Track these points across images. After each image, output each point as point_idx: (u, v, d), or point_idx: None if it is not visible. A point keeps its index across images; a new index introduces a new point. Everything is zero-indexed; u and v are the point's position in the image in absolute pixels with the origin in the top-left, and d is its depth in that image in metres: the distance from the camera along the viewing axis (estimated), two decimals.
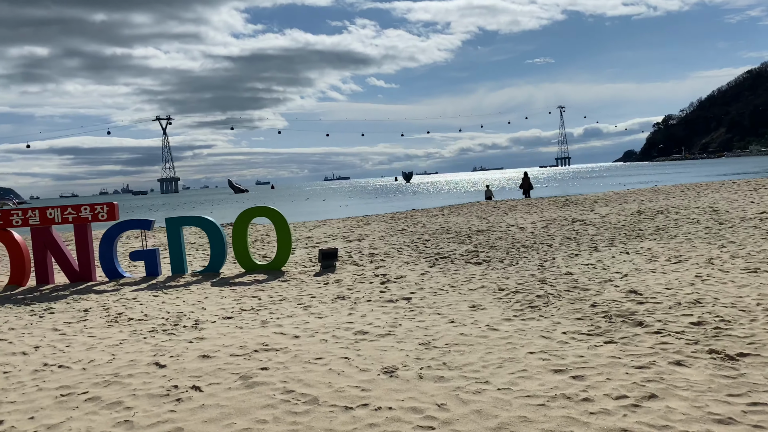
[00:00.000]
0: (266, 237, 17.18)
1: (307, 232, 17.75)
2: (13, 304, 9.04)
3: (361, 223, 20.38)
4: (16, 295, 9.76)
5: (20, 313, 8.37)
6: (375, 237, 15.46)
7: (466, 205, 29.79)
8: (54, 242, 10.56)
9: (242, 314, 7.58)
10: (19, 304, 9.02)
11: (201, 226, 10.91)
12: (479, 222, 17.72)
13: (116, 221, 10.90)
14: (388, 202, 59.61)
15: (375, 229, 17.75)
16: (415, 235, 15.19)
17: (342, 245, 14.02)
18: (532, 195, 36.95)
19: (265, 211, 10.98)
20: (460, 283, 8.80)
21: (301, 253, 13.18)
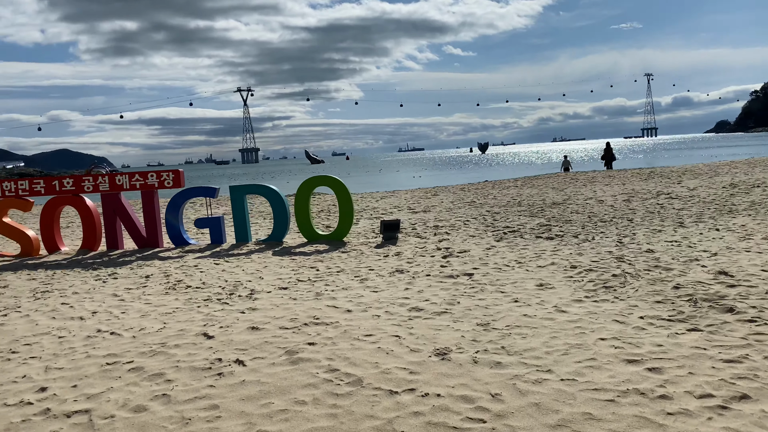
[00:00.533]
0: (332, 207, 17.05)
1: (374, 203, 17.49)
2: (82, 269, 9.25)
3: (429, 194, 19.91)
4: (87, 260, 10.02)
5: (86, 278, 8.54)
6: (442, 209, 14.98)
7: (542, 177, 28.66)
8: (123, 208, 10.76)
9: (298, 285, 7.38)
10: (87, 269, 9.22)
11: (264, 194, 10.80)
12: (554, 194, 16.85)
13: (182, 188, 10.96)
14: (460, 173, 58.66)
15: (443, 200, 17.24)
16: (483, 208, 14.60)
17: (407, 217, 13.65)
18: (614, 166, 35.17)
19: (328, 180, 10.73)
20: (528, 259, 8.23)
21: (365, 224, 12.91)
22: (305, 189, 10.72)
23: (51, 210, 10.83)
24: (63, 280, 8.45)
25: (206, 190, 10.82)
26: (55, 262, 10.03)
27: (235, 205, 10.73)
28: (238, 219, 10.76)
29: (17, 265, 9.94)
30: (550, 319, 5.47)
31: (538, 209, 13.61)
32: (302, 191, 10.72)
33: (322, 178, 10.76)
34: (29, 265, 9.86)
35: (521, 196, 16.77)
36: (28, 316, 6.57)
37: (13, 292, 7.88)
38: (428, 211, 14.59)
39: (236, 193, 10.73)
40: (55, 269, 9.34)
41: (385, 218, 13.37)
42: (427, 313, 5.84)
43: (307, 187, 10.73)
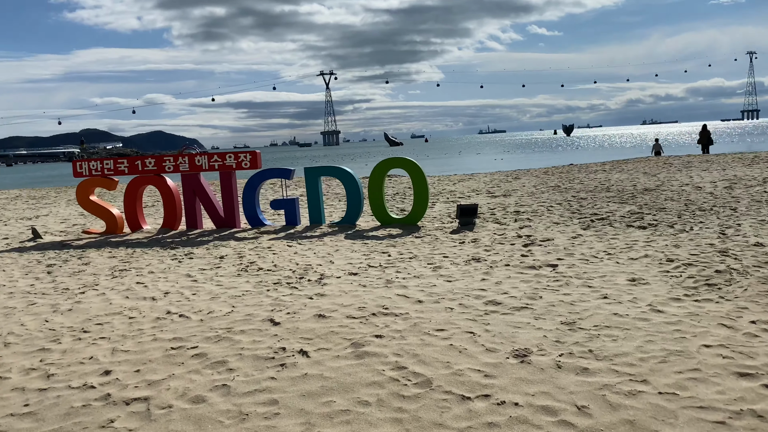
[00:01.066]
0: (408, 190, 16.70)
1: (451, 186, 16.98)
2: (161, 248, 9.39)
3: (511, 177, 19.15)
4: (166, 239, 10.19)
5: (163, 257, 8.63)
6: (524, 193, 14.30)
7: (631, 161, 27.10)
8: (202, 189, 10.86)
9: (368, 271, 7.10)
10: (165, 248, 9.35)
11: (338, 176, 10.59)
12: (646, 179, 15.75)
13: (258, 170, 10.93)
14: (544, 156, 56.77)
15: (525, 184, 16.51)
16: (569, 193, 13.81)
17: (485, 201, 13.10)
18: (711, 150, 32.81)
19: (402, 162, 10.37)
20: (619, 250, 7.57)
21: (441, 208, 12.48)
22: (379, 171, 10.42)
23: (134, 189, 11.10)
24: (141, 259, 8.58)
25: (282, 172, 10.74)
26: (136, 240, 10.27)
27: (309, 186, 10.59)
28: (312, 201, 10.62)
29: (101, 242, 10.25)
30: (644, 319, 4.90)
31: (629, 195, 12.70)
32: (376, 173, 10.43)
33: (397, 160, 10.42)
34: (112, 242, 10.14)
35: (610, 181, 15.79)
36: (103, 295, 6.65)
37: (94, 269, 8.06)
38: (509, 195, 13.97)
39: (311, 174, 10.58)
40: (135, 247, 9.54)
41: (462, 202, 12.89)
42: (506, 307, 5.40)
43: (382, 169, 10.42)
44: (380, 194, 10.36)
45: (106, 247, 9.73)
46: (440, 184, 18.06)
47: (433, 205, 13.02)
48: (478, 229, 9.60)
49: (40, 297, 6.71)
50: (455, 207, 11.99)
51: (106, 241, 10.28)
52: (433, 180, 19.87)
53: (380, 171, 10.43)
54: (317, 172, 10.62)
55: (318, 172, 10.62)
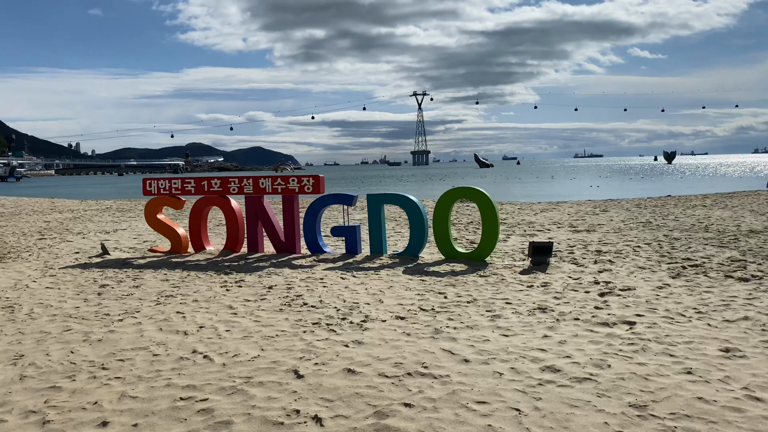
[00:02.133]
0: None
1: (531, 217, 15.96)
2: (216, 272, 9.16)
3: (598, 209, 17.83)
4: (225, 262, 9.98)
5: (214, 283, 8.37)
6: (609, 228, 13.12)
7: (737, 195, 24.80)
8: (264, 212, 10.63)
9: (417, 315, 6.44)
10: (219, 272, 9.11)
11: (401, 204, 10.03)
12: (753, 219, 14.09)
13: (321, 194, 10.57)
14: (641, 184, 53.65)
15: (612, 218, 15.24)
16: (661, 231, 12.50)
17: (566, 236, 12.07)
18: None
19: (470, 192, 9.66)
20: (713, 307, 6.49)
21: (516, 241, 11.59)
22: (445, 201, 9.76)
23: (199, 210, 11.04)
24: (191, 284, 8.35)
25: (344, 198, 10.31)
26: (195, 262, 10.13)
27: (371, 214, 10.09)
28: (373, 229, 10.11)
29: (162, 262, 10.19)
30: (737, 409, 3.95)
31: (731, 238, 11.29)
32: (442, 204, 9.77)
33: (464, 190, 9.72)
34: (172, 263, 10.05)
35: (709, 219, 14.25)
36: (140, 324, 6.39)
37: (142, 293, 7.90)
38: (592, 231, 12.85)
39: (373, 202, 10.08)
40: (191, 270, 9.36)
41: (540, 237, 11.95)
42: (565, 377, 4.58)
43: (448, 199, 9.76)
44: (445, 226, 9.69)
45: (164, 268, 9.63)
46: (520, 213, 17.08)
47: (508, 237, 12.16)
48: (552, 270, 8.70)
49: (79, 322, 6.55)
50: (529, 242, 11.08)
51: (167, 261, 10.22)
52: (514, 208, 18.89)
53: (446, 201, 9.76)
54: (380, 199, 10.10)
55: (380, 199, 10.11)
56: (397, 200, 10.10)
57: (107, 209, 23.07)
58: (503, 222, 14.81)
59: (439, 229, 9.73)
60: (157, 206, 11.27)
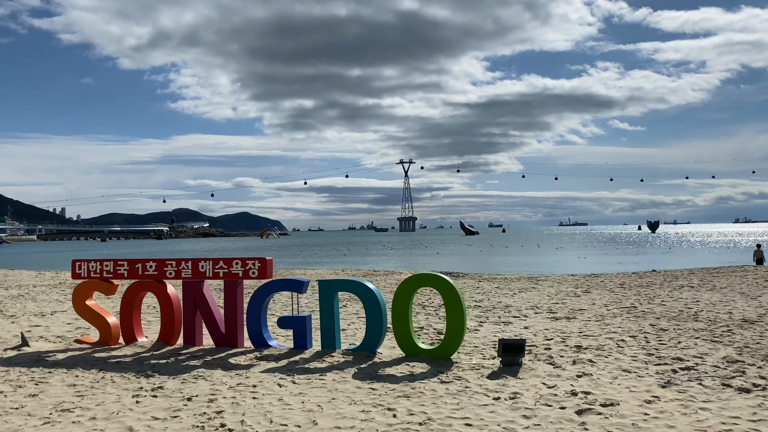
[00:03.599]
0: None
1: (509, 298, 14.84)
2: (136, 373, 7.89)
3: (580, 289, 16.75)
4: (152, 359, 8.71)
5: (126, 391, 7.09)
6: (591, 315, 12.03)
7: (723, 271, 23.96)
8: (203, 299, 9.47)
9: None
10: (140, 373, 7.85)
11: (356, 292, 8.93)
12: (745, 304, 13.10)
13: (268, 280, 9.46)
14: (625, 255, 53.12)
15: (595, 301, 14.18)
16: (647, 319, 11.43)
17: (543, 325, 10.93)
18: None
19: (432, 279, 8.61)
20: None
21: (488, 331, 10.44)
22: (405, 291, 8.68)
23: (131, 296, 9.85)
24: (100, 392, 7.07)
25: (293, 284, 9.20)
26: (120, 357, 8.86)
27: (323, 303, 8.96)
28: (325, 321, 8.95)
29: (82, 358, 8.91)
30: None
31: (724, 329, 10.24)
32: (402, 292, 8.68)
33: (426, 278, 8.67)
34: (92, 360, 8.77)
35: (698, 304, 13.23)
36: None
37: (35, 406, 6.61)
38: (572, 318, 11.75)
39: (325, 289, 8.97)
40: (109, 371, 8.08)
41: (515, 326, 10.83)
42: None
43: (408, 287, 8.68)
44: (406, 319, 8.57)
45: (80, 366, 8.34)
46: (497, 294, 15.98)
47: (480, 325, 11.02)
48: (524, 373, 7.54)
49: None
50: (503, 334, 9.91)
51: (88, 357, 8.94)
52: (491, 287, 17.80)
53: (406, 290, 8.68)
54: (333, 286, 9.00)
55: (334, 286, 9.00)
56: (352, 287, 9.00)
57: (60, 284, 21.66)
58: (478, 305, 13.70)
59: (399, 323, 8.60)
60: (87, 291, 10.07)
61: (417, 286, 8.73)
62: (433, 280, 8.63)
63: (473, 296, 15.31)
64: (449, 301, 8.44)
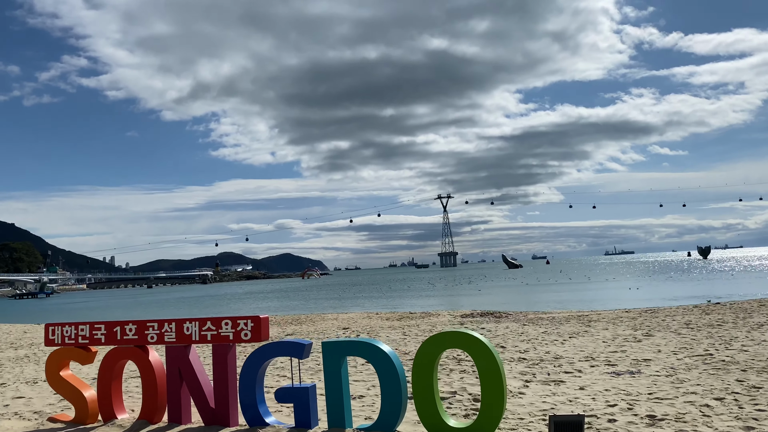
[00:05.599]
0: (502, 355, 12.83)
1: (558, 346, 12.85)
2: None
3: (640, 331, 14.60)
4: None
5: None
6: (660, 367, 10.02)
7: None
8: (189, 367, 7.96)
9: None
10: None
11: (367, 357, 7.27)
12: None
13: (263, 342, 7.90)
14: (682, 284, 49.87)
15: (660, 347, 12.12)
16: (731, 373, 9.38)
17: (603, 384, 9.00)
18: None
19: (462, 340, 6.89)
20: None
21: (535, 394, 8.57)
22: (430, 352, 6.98)
23: (109, 364, 8.42)
24: None
25: (292, 347, 7.59)
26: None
27: (329, 370, 7.33)
28: (331, 392, 7.30)
29: None
30: None
31: None
32: (425, 355, 7.00)
33: (453, 337, 6.96)
34: None
35: None
36: None
37: None
38: (637, 372, 9.79)
39: (331, 353, 7.35)
40: None
41: (568, 385, 8.94)
42: None
43: (432, 349, 6.98)
44: (430, 388, 6.87)
45: None
46: (544, 341, 14.02)
47: (526, 386, 9.17)
48: None
49: None
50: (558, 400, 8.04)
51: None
52: (537, 332, 15.83)
53: (429, 353, 6.99)
54: (339, 349, 7.37)
55: (341, 349, 7.37)
56: (362, 351, 7.35)
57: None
58: (523, 357, 11.82)
59: (422, 393, 6.91)
60: (62, 360, 8.69)
61: (442, 348, 7.02)
62: (461, 341, 6.92)
63: (517, 345, 13.41)
64: (484, 368, 6.70)
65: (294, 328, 21.35)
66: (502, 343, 13.89)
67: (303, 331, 19.76)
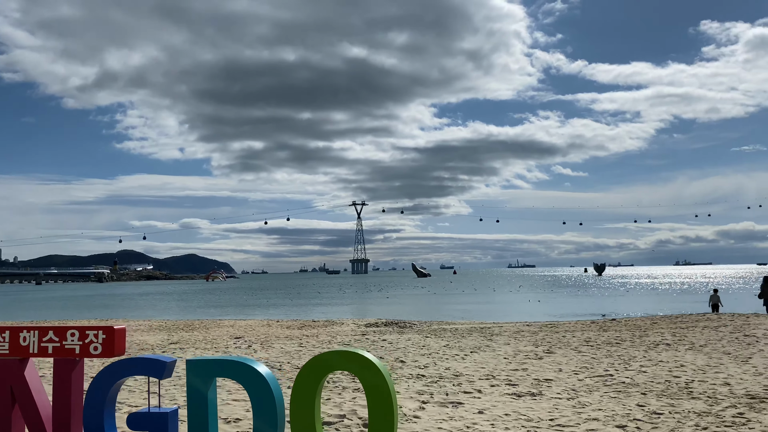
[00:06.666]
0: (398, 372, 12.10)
1: (458, 362, 12.28)
2: None
3: (542, 348, 14.32)
4: None
5: None
6: (561, 389, 9.59)
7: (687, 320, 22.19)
8: (24, 387, 6.59)
9: None
10: None
11: (238, 378, 6.24)
12: (738, 369, 10.94)
13: (116, 358, 6.68)
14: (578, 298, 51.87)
15: (562, 366, 11.79)
16: (631, 396, 9.05)
17: (503, 408, 8.39)
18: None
19: (350, 361, 6.01)
20: None
21: (432, 417, 7.83)
22: (312, 375, 6.04)
23: None
24: None
25: (150, 365, 6.42)
26: None
27: (192, 394, 6.21)
28: (195, 418, 6.20)
29: None
30: None
31: (730, 410, 7.96)
32: (306, 378, 6.05)
33: (341, 358, 6.07)
34: None
35: (684, 371, 10.99)
36: None
37: None
38: (538, 394, 9.30)
39: (196, 373, 6.24)
40: None
41: (466, 407, 8.27)
42: None
43: (316, 370, 6.05)
44: (311, 412, 5.93)
45: None
46: (445, 355, 13.44)
47: (422, 407, 8.42)
48: None
49: None
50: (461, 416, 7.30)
51: None
52: (439, 345, 15.28)
53: (314, 374, 6.04)
54: (206, 368, 6.28)
55: (208, 368, 6.29)
56: (233, 371, 6.29)
57: None
58: (422, 373, 11.13)
59: (302, 421, 5.95)
60: None
61: (326, 371, 6.10)
62: (349, 362, 6.03)
63: (417, 360, 12.74)
64: (373, 393, 5.84)
65: (183, 335, 19.77)
66: (402, 357, 13.19)
67: (191, 339, 18.27)
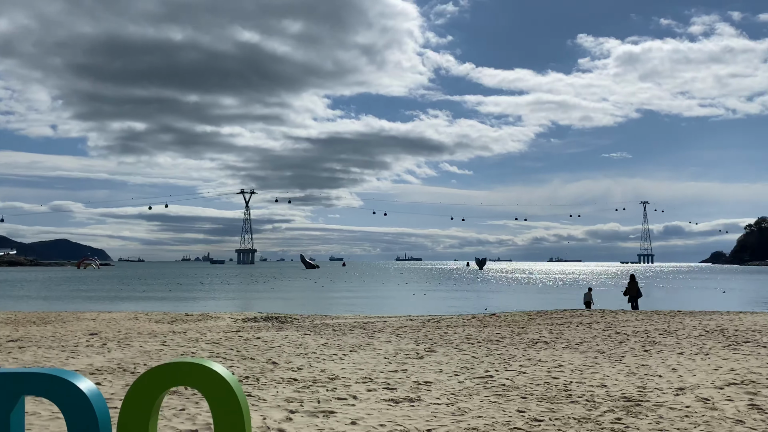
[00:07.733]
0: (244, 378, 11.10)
1: (336, 363, 11.46)
2: None
3: (423, 346, 13.86)
4: None
5: None
6: (441, 393, 9.05)
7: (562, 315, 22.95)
8: None
9: None
10: None
11: (53, 398, 5.02)
12: (614, 369, 11.01)
13: None
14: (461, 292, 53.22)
15: (442, 367, 11.32)
16: (511, 400, 8.67)
17: (378, 417, 7.67)
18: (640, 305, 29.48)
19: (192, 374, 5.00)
20: None
21: (300, 429, 6.96)
22: (146, 391, 4.95)
23: None
24: None
25: None
26: None
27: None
28: None
29: None
30: None
31: (608, 414, 7.77)
32: (139, 395, 4.95)
33: (184, 369, 5.04)
34: None
35: (563, 371, 10.89)
36: None
37: None
38: (417, 400, 8.69)
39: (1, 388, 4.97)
40: None
41: (338, 416, 7.47)
42: None
43: (152, 386, 4.97)
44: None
45: None
46: (322, 355, 12.61)
47: (290, 417, 7.52)
48: None
49: None
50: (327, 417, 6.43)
51: None
52: (317, 343, 14.44)
53: (148, 391, 4.96)
54: (10, 384, 5.03)
55: (13, 384, 5.03)
56: (46, 388, 5.05)
57: None
58: (294, 377, 10.23)
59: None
60: None
61: (165, 386, 5.04)
62: (192, 376, 5.01)
63: (291, 361, 11.81)
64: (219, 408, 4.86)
65: (30, 330, 17.52)
66: (276, 357, 12.20)
67: (38, 335, 16.16)
